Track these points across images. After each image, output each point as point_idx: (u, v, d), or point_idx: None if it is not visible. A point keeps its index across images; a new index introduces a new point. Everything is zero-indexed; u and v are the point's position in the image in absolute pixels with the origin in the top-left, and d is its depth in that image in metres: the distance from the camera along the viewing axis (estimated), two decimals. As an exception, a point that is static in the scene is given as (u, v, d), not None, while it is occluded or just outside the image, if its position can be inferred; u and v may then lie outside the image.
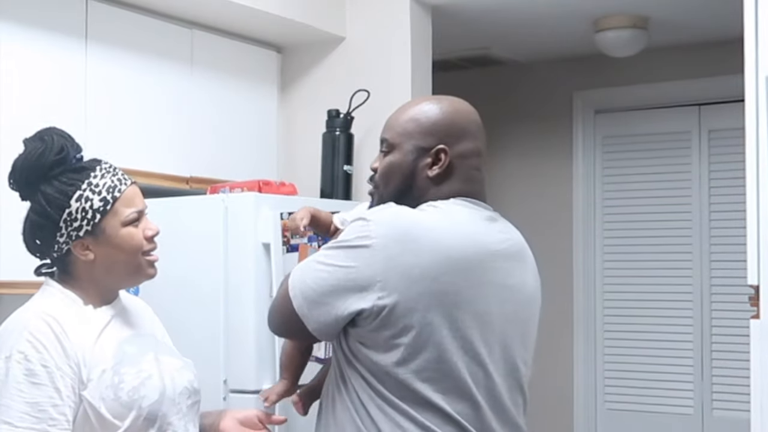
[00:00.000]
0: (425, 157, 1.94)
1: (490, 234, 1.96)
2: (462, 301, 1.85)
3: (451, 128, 1.96)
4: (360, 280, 1.81)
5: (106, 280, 2.00)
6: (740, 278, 3.30)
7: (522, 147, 5.70)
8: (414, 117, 1.97)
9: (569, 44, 5.21)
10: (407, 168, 1.95)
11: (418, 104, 2.01)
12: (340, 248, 1.85)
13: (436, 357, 1.82)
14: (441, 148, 1.93)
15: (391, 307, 1.79)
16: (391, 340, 1.82)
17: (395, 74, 4.28)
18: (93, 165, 2.00)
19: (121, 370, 1.91)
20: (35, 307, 1.94)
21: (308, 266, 1.90)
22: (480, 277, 1.89)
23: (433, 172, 1.94)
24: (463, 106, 2.02)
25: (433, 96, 2.08)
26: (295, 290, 1.88)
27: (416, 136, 1.95)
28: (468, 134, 1.98)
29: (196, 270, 3.55)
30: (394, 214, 1.87)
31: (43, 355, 1.85)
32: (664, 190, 5.38)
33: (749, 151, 3.06)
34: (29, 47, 3.42)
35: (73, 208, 1.94)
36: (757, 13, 3.07)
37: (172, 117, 3.95)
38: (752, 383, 3.02)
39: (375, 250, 1.81)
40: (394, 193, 1.96)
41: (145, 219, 2.03)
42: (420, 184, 1.95)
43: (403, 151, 1.95)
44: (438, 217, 1.89)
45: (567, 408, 5.49)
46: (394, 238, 1.82)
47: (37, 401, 1.83)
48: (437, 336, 1.82)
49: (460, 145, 1.95)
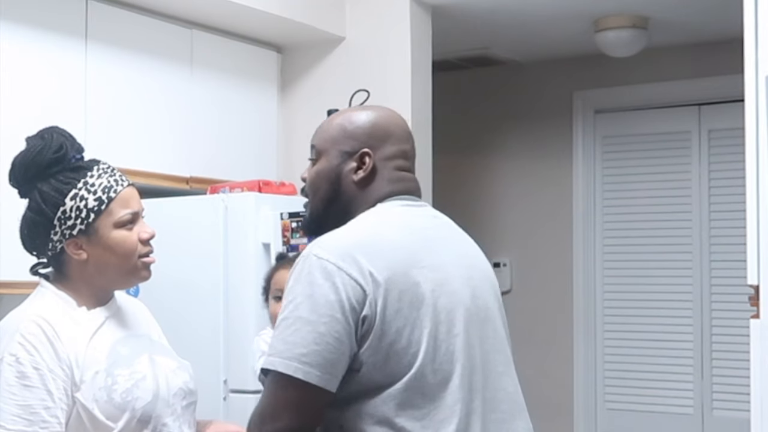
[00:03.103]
0: (350, 161, 1.93)
1: (421, 221, 1.96)
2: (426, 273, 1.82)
3: (374, 131, 1.95)
4: (353, 304, 1.73)
5: (98, 281, 1.99)
6: (740, 278, 3.30)
7: (522, 147, 5.70)
8: (339, 123, 1.97)
9: (569, 44, 5.21)
10: (333, 174, 1.93)
11: (344, 112, 2.00)
12: (302, 297, 1.73)
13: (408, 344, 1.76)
14: (364, 151, 1.92)
15: (381, 312, 1.74)
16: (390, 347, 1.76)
17: (395, 74, 4.28)
18: (90, 165, 2.00)
19: (115, 371, 1.90)
20: (28, 310, 1.94)
21: (279, 337, 1.73)
22: (435, 260, 1.86)
23: (358, 176, 1.92)
24: (389, 112, 2.02)
25: (363, 106, 2.07)
26: (303, 369, 1.69)
27: (341, 141, 1.94)
28: (392, 137, 1.97)
29: (196, 270, 3.55)
30: (332, 238, 1.82)
31: (34, 358, 1.84)
32: (664, 190, 5.38)
33: (749, 151, 3.06)
34: (29, 47, 3.42)
35: (67, 207, 1.94)
36: (757, 13, 3.06)
37: (172, 117, 3.95)
38: (752, 383, 3.02)
39: (345, 271, 1.74)
40: (323, 201, 1.94)
41: (141, 221, 2.01)
42: (346, 189, 1.93)
43: (329, 158, 1.94)
44: (372, 222, 1.87)
45: (567, 408, 5.48)
46: (352, 254, 1.76)
47: (29, 404, 1.83)
48: (420, 329, 1.78)
49: (384, 148, 1.95)
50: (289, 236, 3.50)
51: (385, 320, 1.74)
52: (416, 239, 1.88)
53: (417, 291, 1.78)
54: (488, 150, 5.76)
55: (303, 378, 1.69)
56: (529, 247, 5.63)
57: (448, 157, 5.48)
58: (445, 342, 1.80)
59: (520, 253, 5.65)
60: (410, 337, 1.76)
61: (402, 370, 1.75)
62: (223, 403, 3.44)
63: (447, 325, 1.81)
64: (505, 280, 5.61)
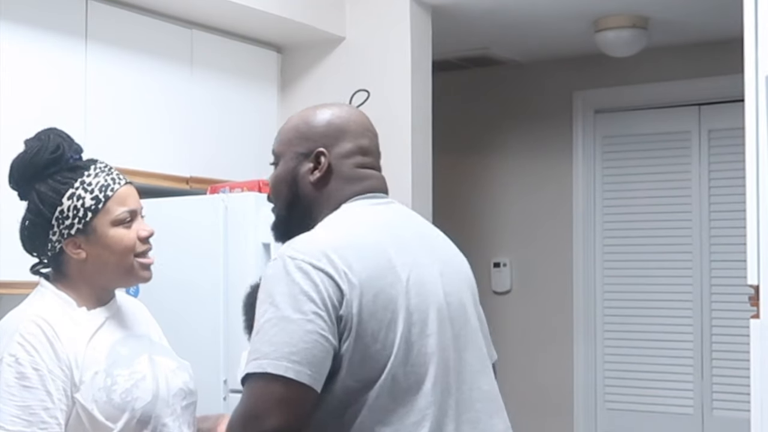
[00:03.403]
0: (306, 162, 1.89)
1: (388, 218, 1.89)
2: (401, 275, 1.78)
3: (328, 130, 1.90)
4: (327, 302, 1.68)
5: (98, 280, 1.99)
6: (740, 278, 3.30)
7: (522, 147, 5.70)
8: (294, 125, 1.94)
9: (569, 44, 5.21)
10: (290, 177, 1.90)
11: (301, 113, 1.96)
12: (282, 296, 1.68)
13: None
14: (319, 150, 1.88)
15: (358, 314, 1.70)
16: None
17: (395, 74, 4.28)
18: (87, 164, 2.00)
19: (114, 372, 1.90)
20: (28, 310, 1.94)
21: (263, 340, 1.67)
22: (407, 258, 1.81)
23: (315, 177, 1.88)
24: (347, 109, 1.97)
25: (320, 105, 2.00)
26: (281, 368, 1.63)
27: (295, 142, 1.91)
28: (347, 133, 1.91)
29: (196, 270, 3.55)
30: (303, 240, 1.78)
31: (34, 358, 1.84)
32: (664, 190, 5.38)
33: (749, 151, 3.06)
34: (29, 47, 3.42)
35: (65, 206, 1.94)
36: (757, 13, 3.06)
37: (172, 117, 3.95)
38: (752, 383, 3.02)
39: (313, 271, 1.70)
40: (285, 205, 1.91)
41: (139, 220, 2.01)
42: (305, 191, 1.89)
43: (286, 161, 1.91)
44: (338, 223, 1.82)
45: (567, 408, 5.48)
46: (323, 254, 1.72)
47: (28, 404, 1.83)
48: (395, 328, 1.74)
49: (339, 145, 1.89)
50: (289, 236, 3.51)
51: (361, 322, 1.70)
52: (387, 238, 1.82)
53: (390, 292, 1.74)
54: (488, 150, 5.76)
55: (294, 377, 1.63)
56: (529, 247, 5.63)
57: (448, 156, 5.48)
58: (417, 344, 1.76)
59: (520, 253, 5.65)
60: (384, 340, 1.72)
61: (374, 375, 1.71)
62: (223, 403, 3.44)
63: (420, 326, 1.77)
64: (505, 280, 5.61)
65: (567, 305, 5.51)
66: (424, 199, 4.31)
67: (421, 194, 4.28)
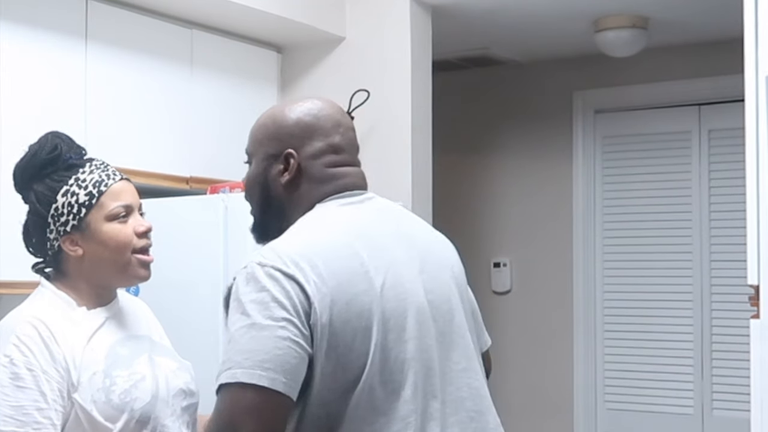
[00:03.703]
0: (276, 164, 1.83)
1: (363, 217, 1.81)
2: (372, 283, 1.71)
3: (296, 130, 1.83)
4: (298, 307, 1.64)
5: (96, 278, 1.99)
6: (740, 278, 3.30)
7: (522, 147, 5.70)
8: (263, 123, 1.87)
9: (569, 44, 5.21)
10: (262, 178, 1.85)
11: (270, 110, 1.90)
12: (253, 303, 1.64)
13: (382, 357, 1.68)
14: (288, 152, 1.81)
15: (328, 324, 1.65)
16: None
17: (395, 74, 4.28)
18: (83, 162, 2.00)
19: (113, 372, 1.90)
20: (25, 311, 1.94)
21: (235, 349, 1.61)
22: (382, 260, 1.74)
23: (284, 179, 1.82)
24: (318, 104, 1.87)
25: (291, 100, 1.94)
26: (254, 376, 1.58)
27: (265, 143, 1.85)
28: (317, 131, 1.83)
29: (196, 270, 3.54)
30: (269, 249, 1.72)
31: (29, 359, 1.85)
32: (664, 190, 5.38)
33: (749, 151, 3.06)
34: (29, 47, 3.42)
35: (59, 203, 1.95)
36: (757, 13, 3.06)
37: (172, 117, 3.95)
38: (752, 383, 3.02)
39: (282, 277, 1.65)
40: (259, 207, 1.87)
41: (136, 215, 2.01)
42: (277, 193, 1.83)
43: (257, 161, 1.86)
44: (308, 226, 1.77)
45: (567, 408, 5.48)
46: (291, 261, 1.67)
47: (22, 405, 1.83)
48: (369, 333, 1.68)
49: (308, 145, 1.82)
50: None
51: (334, 333, 1.64)
52: (359, 242, 1.74)
53: (363, 299, 1.68)
54: (488, 150, 5.76)
55: (268, 385, 1.57)
56: (529, 247, 5.63)
57: (448, 156, 5.48)
58: (394, 350, 1.69)
59: (520, 253, 5.65)
60: (359, 349, 1.66)
61: (350, 386, 1.66)
62: (223, 403, 3.43)
63: (397, 331, 1.70)
64: (505, 280, 5.61)
65: (567, 305, 5.51)
66: (424, 199, 4.31)
67: (421, 194, 4.28)
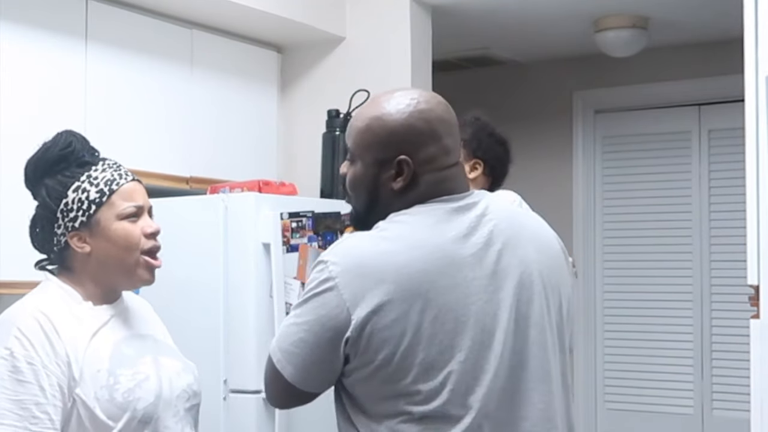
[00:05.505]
0: (388, 169, 1.80)
1: (455, 230, 1.78)
2: (435, 310, 1.72)
3: (409, 134, 1.79)
4: (338, 324, 1.71)
5: (102, 277, 1.98)
6: (740, 278, 3.30)
7: (522, 147, 5.65)
8: (369, 126, 1.83)
9: (569, 44, 5.21)
10: (370, 182, 1.83)
11: (375, 107, 1.86)
12: (308, 301, 1.76)
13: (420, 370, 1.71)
14: (402, 159, 1.78)
15: (368, 337, 1.70)
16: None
17: (395, 74, 4.28)
18: (96, 161, 2.01)
19: (117, 371, 1.90)
20: (28, 304, 1.93)
21: (286, 332, 1.79)
22: (449, 281, 1.74)
23: (398, 185, 1.80)
24: (425, 104, 1.83)
25: (396, 93, 1.87)
26: (281, 362, 1.79)
27: (375, 147, 1.82)
28: (432, 136, 1.80)
29: (196, 270, 3.54)
30: (347, 248, 1.78)
31: (29, 353, 1.84)
32: (664, 190, 5.39)
33: (749, 151, 3.06)
34: (29, 47, 3.42)
35: (69, 198, 1.94)
36: (757, 13, 3.07)
37: (172, 117, 3.95)
38: (752, 383, 3.02)
39: (339, 290, 1.72)
40: (364, 206, 1.87)
41: (145, 217, 2.02)
42: (385, 196, 1.82)
43: (365, 164, 1.84)
44: (394, 235, 1.77)
45: (567, 408, 5.48)
46: (354, 272, 1.72)
47: (21, 399, 1.82)
48: (414, 349, 1.71)
49: (422, 151, 1.79)
50: (289, 236, 3.51)
51: (370, 346, 1.70)
52: (433, 258, 1.73)
53: (414, 320, 1.69)
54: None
55: (279, 370, 1.80)
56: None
57: (448, 157, 5.48)
58: (438, 365, 1.71)
59: (520, 253, 5.64)
60: (400, 363, 1.70)
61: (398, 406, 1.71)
62: (223, 403, 3.43)
63: (447, 353, 1.71)
64: (505, 280, 5.60)
65: (567, 305, 5.51)
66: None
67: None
